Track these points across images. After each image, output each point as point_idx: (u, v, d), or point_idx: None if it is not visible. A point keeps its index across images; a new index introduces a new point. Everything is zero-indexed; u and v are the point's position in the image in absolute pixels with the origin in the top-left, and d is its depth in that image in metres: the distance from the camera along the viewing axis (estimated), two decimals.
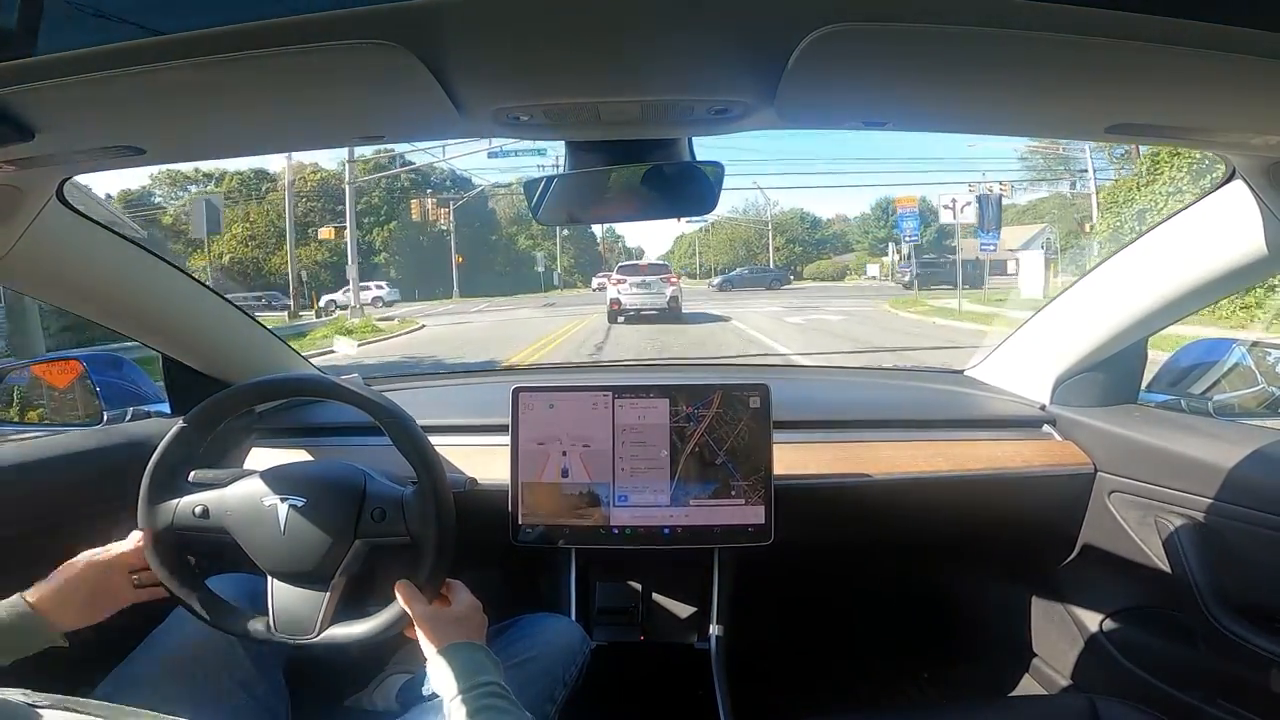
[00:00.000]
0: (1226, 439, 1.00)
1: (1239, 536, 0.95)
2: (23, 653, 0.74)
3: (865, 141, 34.54)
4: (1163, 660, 1.12)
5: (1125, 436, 1.11)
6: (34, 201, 0.82)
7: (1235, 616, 0.94)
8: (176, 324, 1.18)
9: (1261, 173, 0.79)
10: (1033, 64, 0.50)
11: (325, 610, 0.83)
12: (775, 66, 0.51)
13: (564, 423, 1.09)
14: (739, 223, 39.19)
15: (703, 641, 1.16)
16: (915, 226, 18.67)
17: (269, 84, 0.53)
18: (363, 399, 0.85)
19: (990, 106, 0.64)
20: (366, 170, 28.79)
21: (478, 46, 0.50)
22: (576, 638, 1.01)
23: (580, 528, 1.08)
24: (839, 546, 1.39)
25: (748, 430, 1.07)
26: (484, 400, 1.41)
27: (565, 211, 0.85)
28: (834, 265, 36.28)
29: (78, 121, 0.59)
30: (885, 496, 1.16)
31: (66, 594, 0.77)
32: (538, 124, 0.65)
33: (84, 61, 0.46)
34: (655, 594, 1.23)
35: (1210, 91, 0.54)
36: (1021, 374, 1.33)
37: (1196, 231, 0.94)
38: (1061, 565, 1.28)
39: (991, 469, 1.17)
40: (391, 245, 30.87)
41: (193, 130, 0.67)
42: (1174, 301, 1.02)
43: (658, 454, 1.08)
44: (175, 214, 25.51)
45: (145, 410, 1.29)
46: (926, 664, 1.57)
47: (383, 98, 0.58)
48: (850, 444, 1.20)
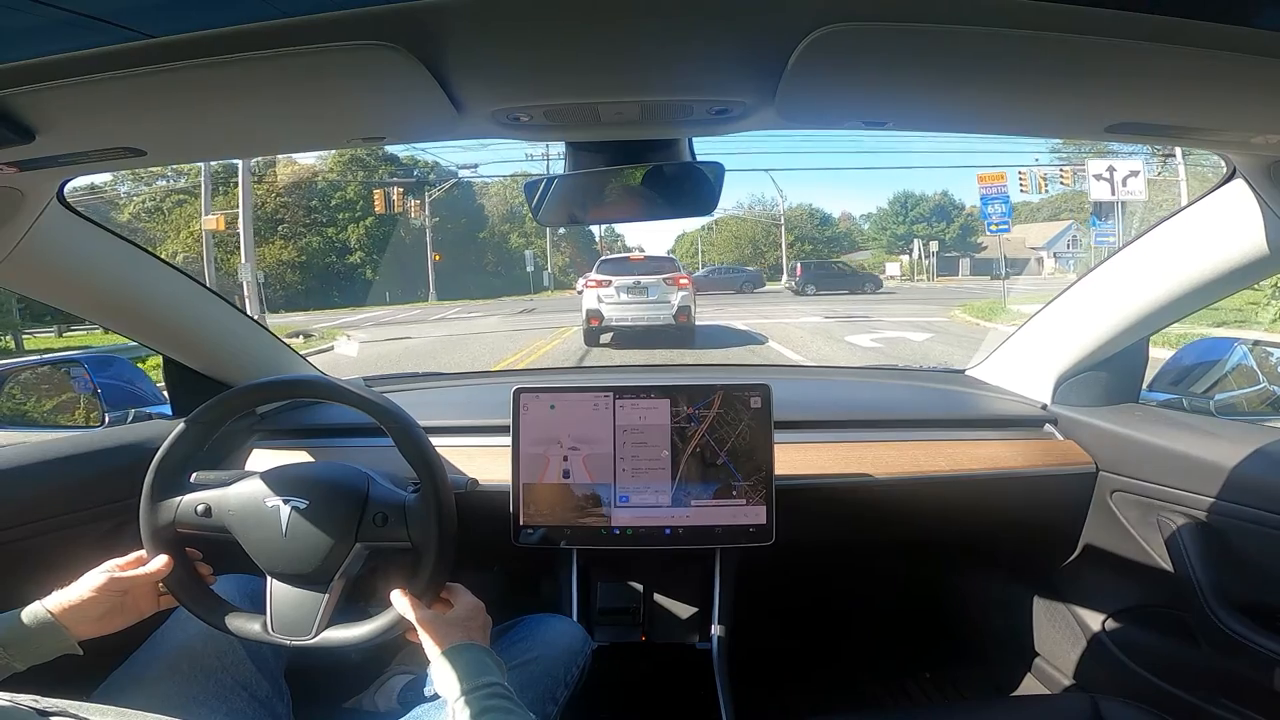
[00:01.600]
0: (1228, 438, 1.00)
1: (1241, 536, 0.95)
2: (42, 659, 0.74)
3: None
4: (1165, 659, 1.12)
5: (1127, 436, 1.11)
6: (35, 203, 0.83)
7: (1237, 615, 0.94)
8: (178, 325, 1.18)
9: (1262, 171, 0.79)
10: (1033, 63, 0.50)
11: (323, 612, 0.83)
12: (775, 66, 0.51)
13: (565, 424, 1.09)
14: (745, 220, 38.09)
15: (704, 642, 1.16)
16: (1005, 211, 13.79)
17: (269, 85, 0.54)
18: (365, 401, 0.85)
19: (990, 105, 0.64)
20: (342, 161, 27.51)
21: (477, 47, 0.50)
22: (578, 638, 1.01)
23: (581, 528, 1.08)
24: (840, 547, 1.39)
25: (749, 430, 1.07)
26: (485, 401, 1.41)
27: (565, 212, 0.85)
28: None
29: (79, 123, 0.59)
30: (887, 496, 1.16)
31: (87, 607, 0.77)
32: (537, 124, 0.65)
33: (85, 63, 0.46)
34: (656, 594, 1.23)
35: (1210, 90, 0.54)
36: (1023, 373, 1.33)
37: (1197, 230, 0.94)
38: (1063, 565, 1.28)
39: (993, 469, 1.17)
40: (368, 243, 28.24)
41: (193, 132, 0.67)
42: (1175, 300, 1.02)
43: (659, 454, 1.08)
44: (136, 208, 24.67)
45: (147, 412, 1.29)
46: (928, 664, 1.57)
47: (382, 99, 0.58)
48: (851, 444, 1.20)
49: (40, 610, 0.75)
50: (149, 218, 24.34)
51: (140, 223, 23.65)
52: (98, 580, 0.78)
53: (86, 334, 14.64)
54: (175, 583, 0.84)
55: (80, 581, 0.79)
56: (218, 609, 0.85)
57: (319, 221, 28.24)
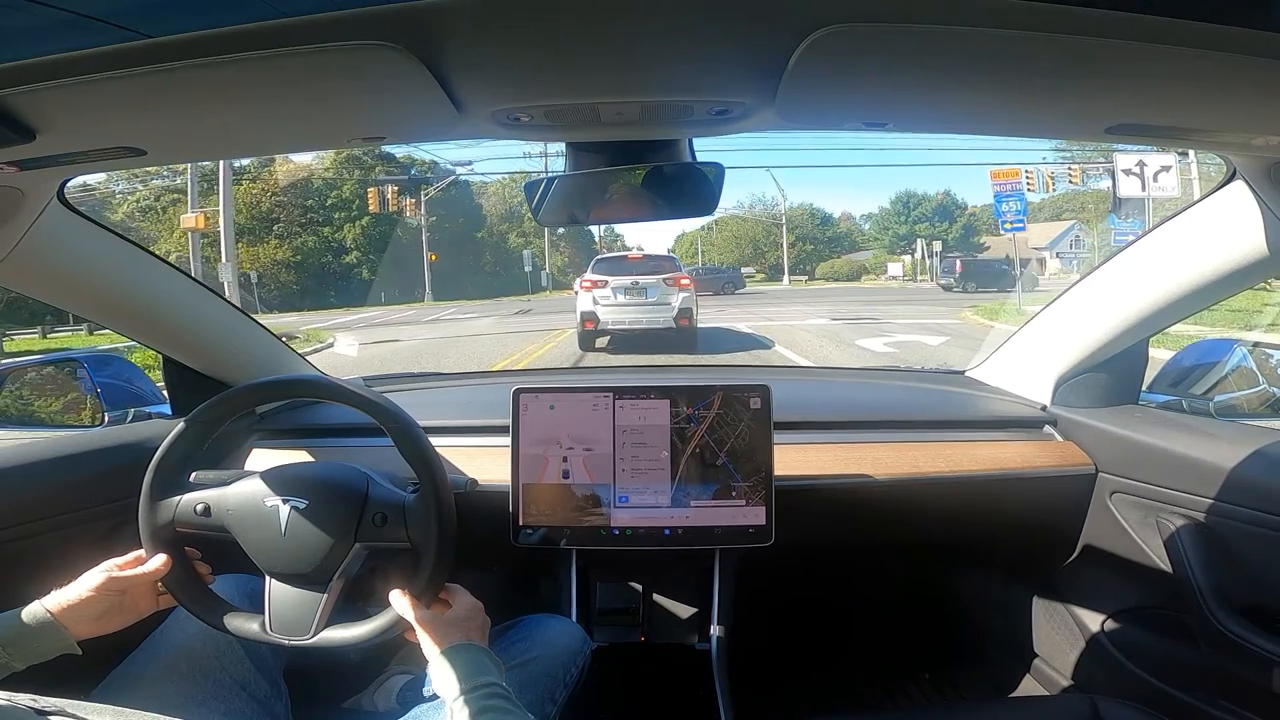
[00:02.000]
0: (1227, 439, 1.00)
1: (1240, 537, 0.95)
2: (41, 658, 0.74)
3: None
4: (1164, 660, 1.12)
5: (1126, 437, 1.11)
6: (35, 203, 0.83)
7: (1236, 617, 0.94)
8: (177, 325, 1.18)
9: (1262, 173, 0.79)
10: (1033, 64, 0.50)
11: (322, 612, 0.83)
12: (775, 67, 0.51)
13: (564, 424, 1.09)
14: (745, 219, 37.80)
15: (703, 642, 1.16)
16: (1020, 209, 13.02)
17: (270, 85, 0.54)
18: (365, 401, 0.85)
19: (990, 106, 0.64)
20: (338, 160, 27.20)
21: (478, 48, 0.50)
22: (577, 638, 1.01)
23: (581, 529, 1.08)
24: (840, 547, 1.39)
25: (748, 431, 1.07)
26: (485, 401, 1.41)
27: (566, 212, 0.85)
28: (849, 265, 34.21)
29: (79, 123, 0.59)
30: (886, 497, 1.16)
31: (86, 607, 0.77)
32: (538, 124, 0.65)
33: (86, 63, 0.46)
34: (656, 595, 1.23)
35: (1211, 92, 0.54)
36: (1022, 374, 1.33)
37: (1197, 232, 0.94)
38: (1063, 566, 1.28)
39: (992, 470, 1.17)
40: (364, 243, 28.02)
41: (194, 131, 0.67)
42: (1175, 302, 1.02)
43: (658, 455, 1.08)
44: (130, 207, 24.19)
45: (146, 412, 1.29)
46: (928, 664, 1.57)
47: (383, 99, 0.58)
48: (851, 445, 1.20)
49: (39, 610, 0.75)
50: (143, 217, 24.00)
51: (134, 222, 23.33)
52: (96, 580, 0.78)
53: (71, 335, 14.64)
54: (174, 582, 0.84)
55: (79, 581, 0.79)
56: (216, 608, 0.85)
57: (315, 221, 27.93)
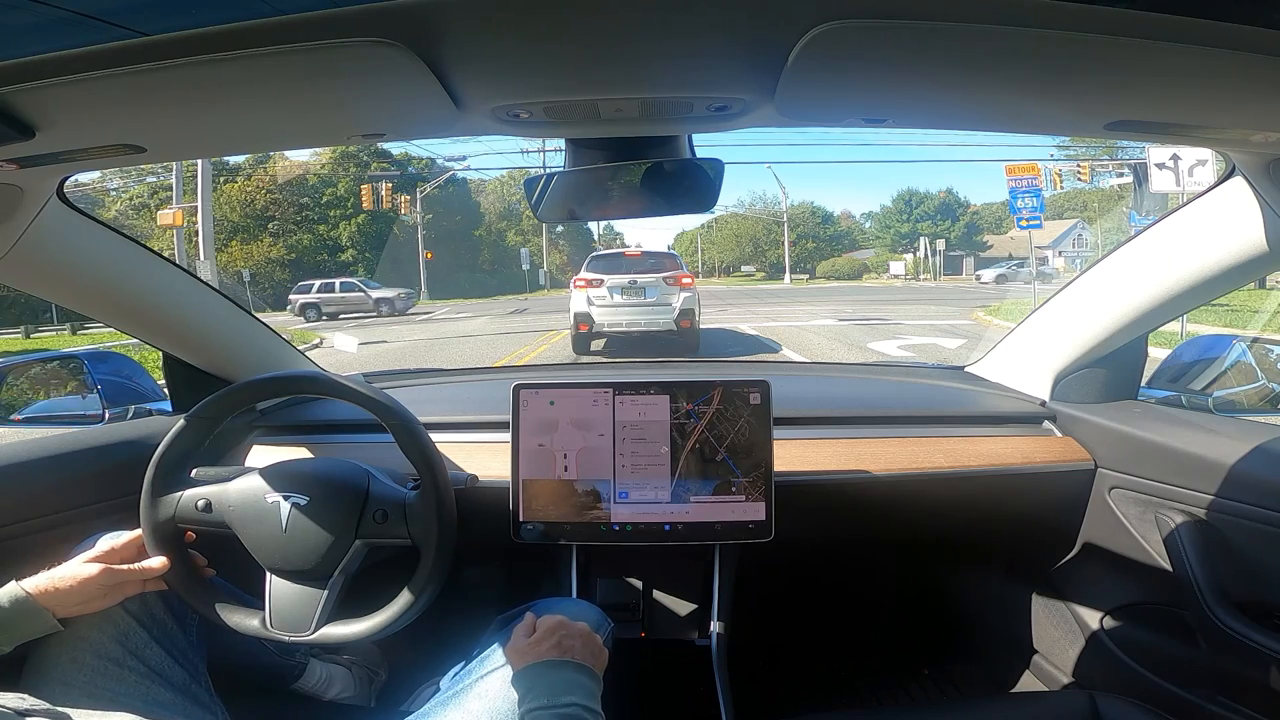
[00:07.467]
0: (1227, 435, 1.00)
1: (1239, 532, 0.95)
2: (25, 637, 0.74)
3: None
4: (1163, 657, 1.12)
5: (1125, 432, 1.11)
6: (35, 200, 0.83)
7: (1235, 613, 0.94)
8: (178, 322, 1.18)
9: (1261, 169, 0.79)
10: (1032, 60, 0.50)
11: (322, 608, 0.83)
12: (775, 63, 0.51)
13: (564, 420, 1.09)
14: (746, 217, 37.43)
15: (704, 638, 1.16)
16: (1037, 205, 12.20)
17: (269, 82, 0.54)
18: (366, 397, 0.85)
19: (989, 103, 0.64)
20: (334, 157, 27.10)
21: (477, 44, 0.50)
22: (593, 618, 0.95)
23: (581, 524, 1.08)
24: (840, 543, 1.40)
25: (748, 426, 1.08)
26: (485, 397, 1.41)
27: (565, 209, 0.85)
28: (850, 263, 34.08)
29: (79, 120, 0.59)
30: (886, 493, 1.16)
31: (73, 594, 0.77)
32: (537, 121, 0.65)
33: (85, 61, 0.46)
34: (656, 590, 1.23)
35: (1210, 88, 0.54)
36: (1022, 370, 1.33)
37: (1196, 228, 0.94)
38: (1062, 561, 1.28)
39: (992, 465, 1.17)
40: (360, 241, 28.03)
41: (194, 129, 0.67)
42: (1174, 298, 1.02)
43: (658, 450, 1.08)
44: (124, 204, 24.14)
45: (147, 408, 1.29)
46: (927, 660, 1.58)
47: (382, 95, 0.58)
48: (851, 440, 1.20)
49: (17, 590, 0.74)
50: (135, 214, 23.95)
51: (127, 219, 23.25)
52: (90, 571, 0.78)
53: (55, 335, 14.54)
54: (174, 577, 0.84)
55: (71, 566, 0.79)
56: (216, 603, 0.85)
57: (310, 218, 27.89)
